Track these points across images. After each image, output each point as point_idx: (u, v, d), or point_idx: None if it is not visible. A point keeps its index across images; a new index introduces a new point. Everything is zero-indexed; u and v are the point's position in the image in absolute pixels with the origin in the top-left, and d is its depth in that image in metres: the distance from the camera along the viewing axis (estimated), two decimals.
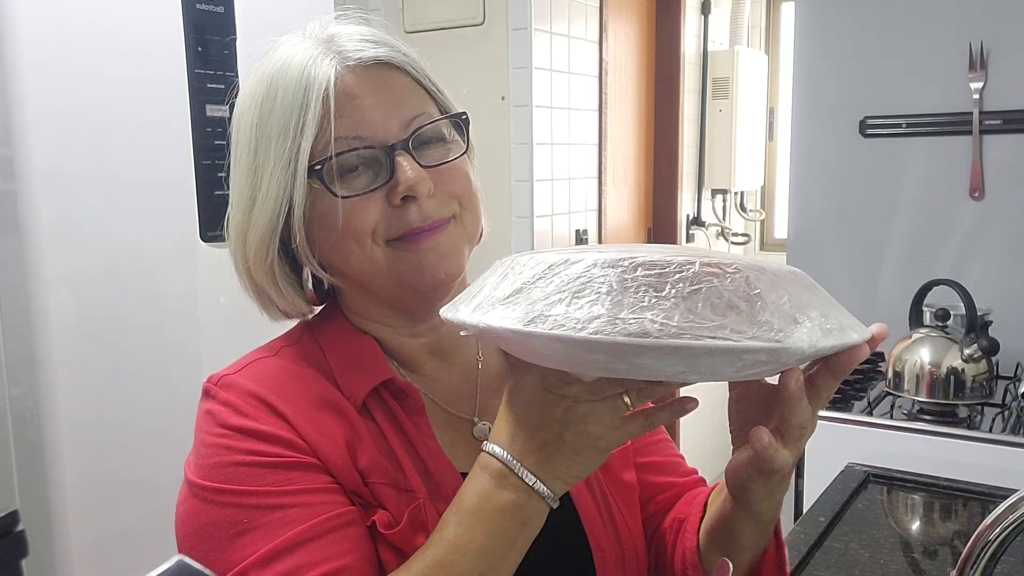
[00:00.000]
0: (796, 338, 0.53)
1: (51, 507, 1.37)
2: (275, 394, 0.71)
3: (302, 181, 0.71)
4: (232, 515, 0.67)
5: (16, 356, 1.37)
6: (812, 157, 2.24)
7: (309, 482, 0.68)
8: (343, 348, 0.76)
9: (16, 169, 1.30)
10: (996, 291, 1.99)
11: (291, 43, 0.75)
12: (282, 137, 0.71)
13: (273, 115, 0.71)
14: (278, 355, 0.77)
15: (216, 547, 0.67)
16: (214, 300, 1.56)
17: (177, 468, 1.56)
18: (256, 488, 0.67)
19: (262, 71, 0.74)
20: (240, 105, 0.75)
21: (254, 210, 0.73)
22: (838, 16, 2.16)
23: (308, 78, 0.71)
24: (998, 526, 0.67)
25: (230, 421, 0.70)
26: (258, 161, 0.72)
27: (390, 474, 0.70)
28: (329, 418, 0.71)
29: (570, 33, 2.74)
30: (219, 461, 0.69)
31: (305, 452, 0.69)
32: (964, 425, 1.66)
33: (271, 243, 0.74)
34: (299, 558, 0.64)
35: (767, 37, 3.99)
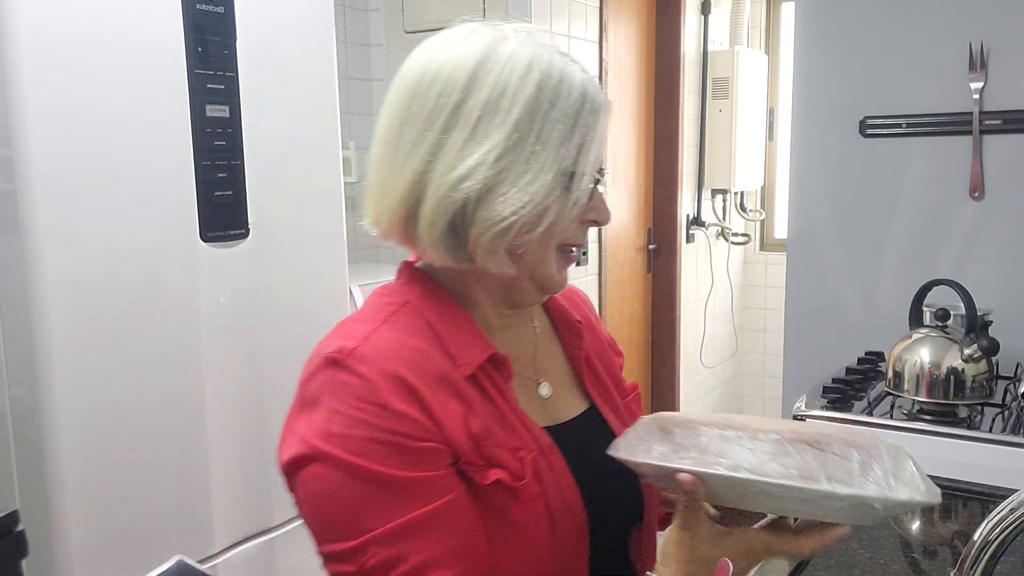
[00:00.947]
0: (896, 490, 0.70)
1: (51, 507, 1.37)
2: (406, 370, 0.76)
3: (558, 180, 0.78)
4: (361, 489, 0.74)
5: (16, 356, 1.37)
6: (812, 157, 2.24)
7: (429, 468, 0.75)
8: (450, 322, 0.83)
9: (16, 169, 1.30)
10: (996, 291, 1.99)
11: (551, 53, 0.80)
12: (560, 135, 0.78)
13: (554, 111, 0.77)
14: (388, 324, 0.81)
15: (342, 510, 0.74)
16: (214, 300, 1.56)
17: (177, 468, 1.57)
18: (384, 470, 0.73)
19: (532, 70, 0.78)
20: (486, 82, 0.78)
21: (508, 171, 0.77)
22: (838, 16, 2.16)
23: (595, 101, 0.80)
24: (998, 526, 0.67)
25: (368, 397, 0.75)
26: (521, 137, 0.77)
27: (499, 437, 0.79)
28: (446, 392, 0.78)
29: (570, 33, 2.73)
30: (354, 434, 0.74)
31: (431, 434, 0.75)
32: (964, 425, 1.66)
33: (460, 196, 0.77)
34: (414, 543, 0.73)
35: (767, 37, 3.99)
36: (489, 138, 0.76)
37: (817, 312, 2.27)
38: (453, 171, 0.76)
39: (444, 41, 0.82)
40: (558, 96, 0.78)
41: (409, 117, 0.79)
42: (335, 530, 0.75)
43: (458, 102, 0.77)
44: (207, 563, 1.58)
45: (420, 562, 0.73)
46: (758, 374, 4.17)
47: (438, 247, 0.79)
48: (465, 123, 0.77)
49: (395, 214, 0.81)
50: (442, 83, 0.78)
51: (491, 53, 0.78)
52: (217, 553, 1.61)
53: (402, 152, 0.80)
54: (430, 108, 0.78)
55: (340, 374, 0.77)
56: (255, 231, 1.62)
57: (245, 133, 1.59)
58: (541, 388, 0.89)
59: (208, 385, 1.56)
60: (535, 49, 0.79)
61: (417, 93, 0.79)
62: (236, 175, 1.58)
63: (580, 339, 0.94)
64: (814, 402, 1.78)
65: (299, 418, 0.79)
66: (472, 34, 0.80)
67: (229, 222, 1.58)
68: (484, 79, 0.77)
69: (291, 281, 1.72)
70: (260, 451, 1.67)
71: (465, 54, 0.78)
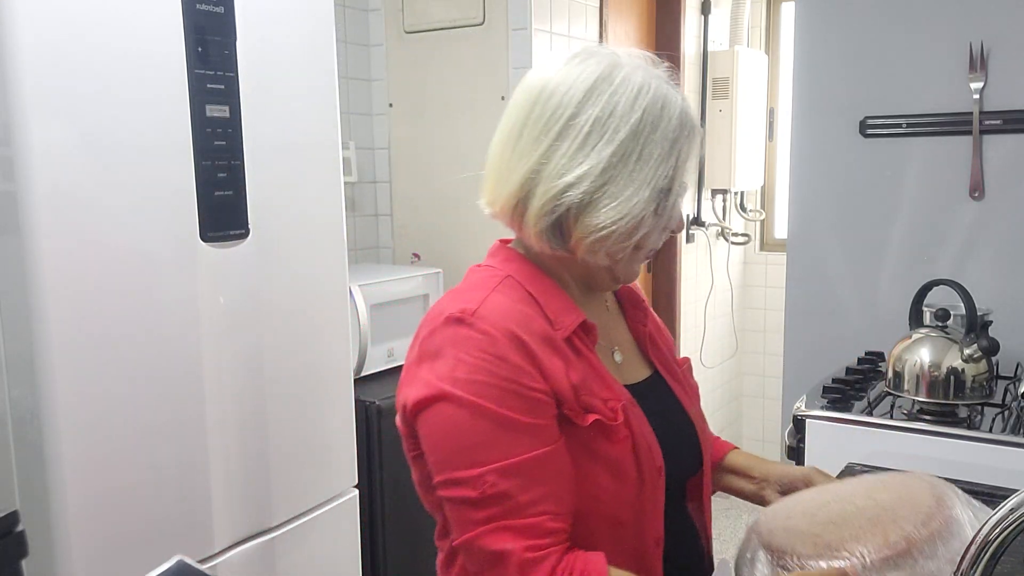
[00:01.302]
0: None
1: (51, 507, 1.37)
2: (518, 328, 0.90)
3: (653, 196, 0.91)
4: (483, 426, 0.87)
5: (16, 357, 1.37)
6: (812, 157, 2.24)
7: (539, 415, 0.88)
8: (547, 293, 0.96)
9: (16, 169, 1.30)
10: (996, 291, 1.98)
11: (657, 81, 0.93)
12: (659, 157, 0.91)
13: (655, 134, 0.91)
14: (497, 292, 0.94)
15: (466, 444, 0.87)
16: (214, 300, 1.56)
17: (177, 468, 1.57)
18: (503, 411, 0.87)
19: (640, 96, 0.90)
20: (600, 100, 0.90)
21: (610, 184, 0.90)
22: (838, 16, 2.16)
23: (691, 127, 0.94)
24: (998, 526, 0.67)
25: (490, 349, 0.88)
26: (625, 154, 0.90)
27: (593, 388, 0.93)
28: (549, 349, 0.91)
29: (570, 33, 2.73)
30: (478, 379, 0.87)
31: (541, 385, 0.89)
32: (964, 425, 1.66)
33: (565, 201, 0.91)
34: (527, 477, 0.86)
35: (767, 37, 3.99)
36: (596, 152, 0.89)
37: (817, 312, 2.27)
38: (561, 177, 0.90)
39: (568, 59, 0.94)
40: (659, 121, 0.90)
41: (529, 121, 0.92)
42: (459, 459, 0.87)
43: (572, 115, 0.90)
44: (207, 563, 1.58)
45: (537, 496, 0.86)
46: (758, 374, 4.17)
47: (541, 237, 0.93)
48: (576, 135, 0.90)
49: (507, 203, 0.94)
50: (560, 96, 0.91)
51: (606, 76, 0.91)
52: (217, 553, 1.61)
53: (519, 150, 0.93)
54: (548, 116, 0.91)
55: (463, 329, 0.89)
56: (255, 231, 1.62)
57: (245, 133, 1.59)
58: (615, 355, 1.04)
59: (208, 385, 1.56)
60: (644, 76, 0.91)
61: (539, 100, 0.92)
62: (236, 175, 1.58)
63: (645, 316, 1.11)
64: (814, 402, 1.78)
65: (421, 367, 0.92)
66: (591, 56, 0.93)
67: (229, 222, 1.58)
68: (597, 98, 0.90)
69: (291, 281, 1.72)
70: (260, 451, 1.67)
71: (583, 74, 0.91)
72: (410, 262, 2.84)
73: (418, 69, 2.74)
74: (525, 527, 0.86)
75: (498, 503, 0.86)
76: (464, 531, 0.88)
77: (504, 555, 0.85)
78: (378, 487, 2.17)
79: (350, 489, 1.92)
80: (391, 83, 2.80)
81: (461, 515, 0.89)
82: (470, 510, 0.87)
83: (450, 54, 2.67)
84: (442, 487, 0.90)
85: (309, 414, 1.78)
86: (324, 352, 1.82)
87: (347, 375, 1.90)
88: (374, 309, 2.29)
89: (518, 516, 0.86)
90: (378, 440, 2.16)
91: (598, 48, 0.95)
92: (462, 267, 2.92)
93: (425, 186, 2.79)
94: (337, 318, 1.85)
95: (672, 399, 1.06)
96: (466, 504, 0.88)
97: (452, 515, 0.91)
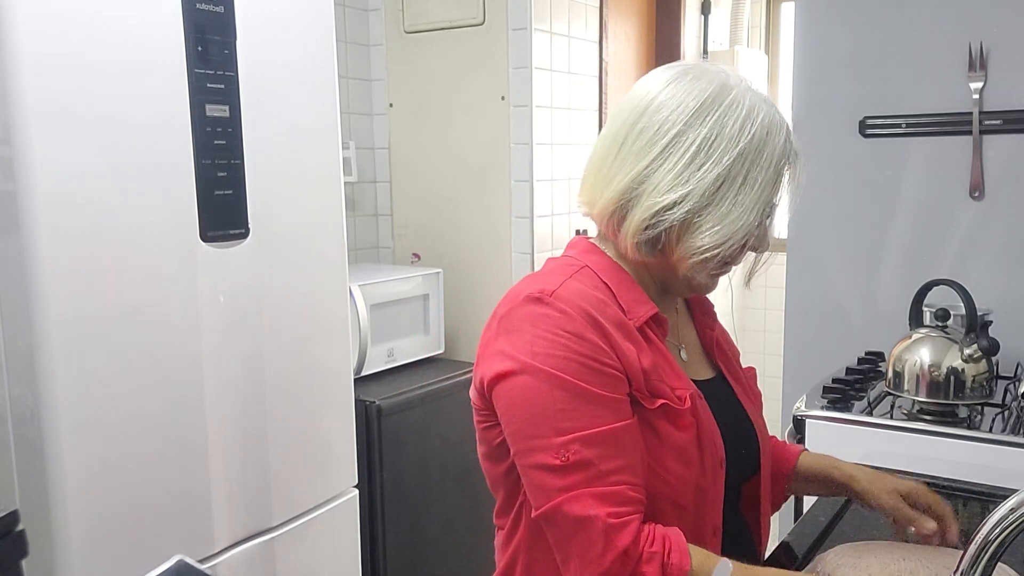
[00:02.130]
0: None
1: (51, 507, 1.37)
2: (596, 311, 0.93)
3: (757, 219, 0.95)
4: (562, 397, 0.89)
5: (16, 356, 1.37)
6: (812, 157, 2.24)
7: (614, 390, 0.91)
8: (622, 285, 0.99)
9: (16, 169, 1.30)
10: (996, 291, 1.98)
11: (765, 105, 0.96)
12: (763, 182, 0.94)
13: (760, 159, 0.93)
14: (574, 278, 0.97)
15: (546, 414, 0.90)
16: (214, 300, 1.56)
17: (177, 468, 1.57)
18: (580, 384, 0.89)
19: (748, 121, 0.93)
20: (707, 120, 0.93)
21: (714, 206, 0.93)
22: (838, 16, 2.16)
23: (793, 152, 0.98)
24: (998, 526, 0.67)
25: (567, 327, 0.91)
26: (731, 177, 0.92)
27: (663, 375, 0.96)
28: (623, 333, 0.94)
29: (570, 33, 2.73)
30: (557, 354, 0.90)
31: (615, 363, 0.92)
32: (964, 425, 1.66)
33: (668, 218, 0.93)
34: (607, 448, 0.89)
35: (767, 37, 3.99)
36: (703, 173, 0.91)
37: (817, 312, 2.27)
38: (664, 195, 0.92)
39: (679, 73, 0.96)
40: (765, 146, 0.93)
41: (635, 130, 0.94)
42: (542, 427, 0.90)
43: (680, 132, 0.92)
44: (207, 563, 1.58)
45: (617, 466, 0.89)
46: (758, 374, 4.17)
47: (639, 249, 0.96)
48: (683, 153, 0.92)
49: (606, 209, 0.97)
50: (669, 110, 0.93)
51: (717, 96, 0.93)
52: (217, 553, 1.61)
53: (622, 158, 0.95)
54: (655, 129, 0.93)
55: (541, 308, 0.93)
56: (255, 231, 1.62)
57: (245, 133, 1.59)
58: (682, 352, 1.07)
59: (208, 385, 1.56)
60: (753, 100, 0.94)
61: (647, 112, 0.94)
62: (236, 175, 1.58)
63: (713, 321, 1.14)
64: (814, 402, 1.78)
65: (498, 341, 0.94)
66: (703, 76, 0.95)
67: (229, 222, 1.58)
68: (707, 118, 0.92)
69: (291, 281, 1.72)
70: (260, 451, 1.67)
71: (694, 91, 0.93)
72: (410, 262, 2.84)
73: (418, 69, 2.74)
74: (607, 494, 0.88)
75: (581, 470, 0.88)
76: (547, 499, 0.90)
77: (589, 520, 0.87)
78: (378, 487, 2.17)
79: (350, 489, 1.92)
80: (391, 83, 2.80)
81: (543, 483, 0.90)
82: (552, 477, 0.89)
83: (450, 54, 2.67)
84: (522, 455, 0.92)
85: (309, 414, 1.78)
86: (324, 352, 1.82)
87: (347, 375, 1.90)
88: (374, 309, 2.29)
89: (600, 484, 0.88)
90: (378, 440, 2.16)
91: (709, 66, 0.97)
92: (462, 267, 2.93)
93: (425, 186, 2.79)
94: (337, 318, 1.85)
95: (735, 401, 1.09)
96: (548, 471, 0.89)
97: (532, 484, 0.92)
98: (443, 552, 2.39)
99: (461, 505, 2.42)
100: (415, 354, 2.48)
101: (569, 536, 0.90)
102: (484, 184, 2.63)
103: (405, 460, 2.23)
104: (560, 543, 0.92)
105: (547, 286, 0.94)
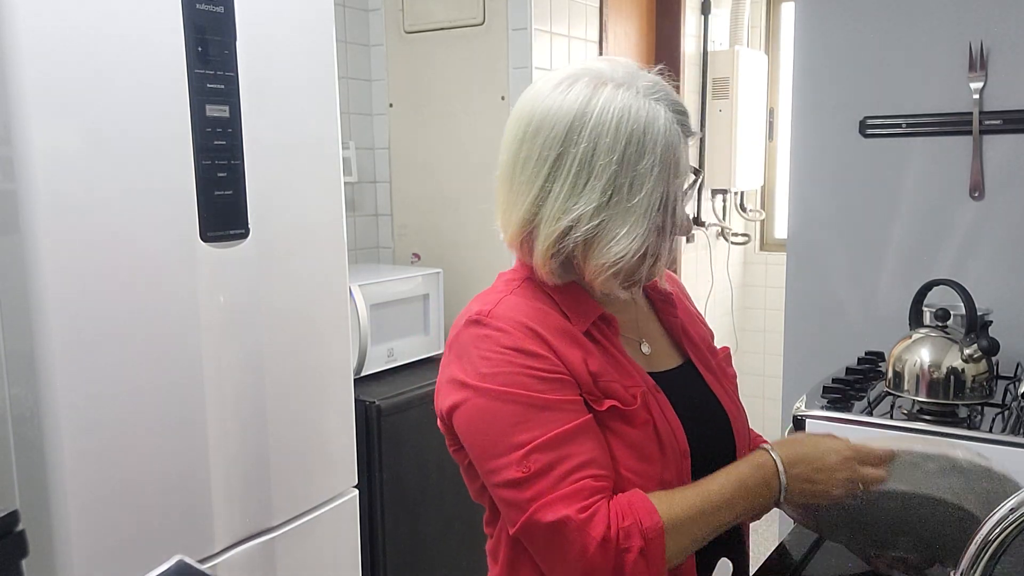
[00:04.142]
0: None
1: (51, 507, 1.37)
2: (532, 322, 0.95)
3: (654, 222, 0.93)
4: (513, 410, 0.91)
5: (16, 356, 1.37)
6: (812, 157, 2.24)
7: (564, 393, 0.92)
8: (565, 292, 1.00)
9: (16, 169, 1.30)
10: (996, 291, 1.98)
11: (640, 100, 0.92)
12: (650, 185, 0.92)
13: (641, 164, 0.91)
14: (514, 293, 0.99)
15: (501, 431, 0.91)
16: (214, 300, 1.56)
17: (177, 468, 1.57)
18: (529, 393, 0.91)
19: (622, 125, 0.91)
20: (583, 136, 0.91)
21: (609, 222, 0.92)
22: (838, 16, 2.16)
23: (676, 144, 0.93)
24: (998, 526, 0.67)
25: (506, 343, 0.93)
26: (616, 190, 0.91)
27: (613, 375, 0.96)
28: (567, 340, 0.95)
29: (570, 33, 2.73)
30: (500, 371, 0.92)
31: (560, 369, 0.93)
32: (964, 425, 1.66)
33: (568, 244, 0.94)
34: (566, 449, 0.90)
35: (767, 37, 3.99)
36: (588, 191, 0.91)
37: (817, 312, 2.27)
38: (559, 220, 0.92)
39: (550, 86, 0.95)
40: (644, 150, 0.91)
41: (520, 159, 0.95)
42: (500, 446, 0.91)
43: (558, 155, 0.92)
44: (207, 563, 1.58)
45: (578, 463, 0.89)
46: (758, 374, 4.17)
47: (551, 274, 0.97)
48: (566, 176, 0.92)
49: (515, 236, 0.98)
50: (544, 135, 0.92)
51: (585, 107, 0.91)
52: (217, 553, 1.61)
53: (517, 185, 0.95)
54: (536, 156, 0.93)
55: (481, 329, 0.95)
56: (255, 231, 1.62)
57: (245, 133, 1.59)
58: (643, 346, 1.07)
59: (208, 385, 1.56)
60: (624, 99, 0.91)
61: (526, 137, 0.94)
62: (236, 175, 1.58)
63: (674, 308, 1.12)
64: (814, 402, 1.78)
65: (450, 368, 0.97)
66: (576, 82, 0.93)
67: (229, 222, 1.58)
68: (580, 134, 0.91)
69: (291, 281, 1.72)
70: (260, 451, 1.67)
71: (564, 106, 0.92)
72: (410, 262, 2.84)
73: (418, 69, 2.74)
74: (572, 493, 0.88)
75: (543, 477, 0.89)
76: (519, 514, 0.91)
77: (561, 523, 0.88)
78: (378, 487, 2.17)
79: (350, 489, 1.92)
80: (391, 83, 2.80)
81: (512, 499, 0.91)
82: (518, 491, 0.90)
83: (450, 54, 2.67)
84: (487, 476, 0.94)
85: (309, 414, 1.78)
86: (324, 352, 1.82)
87: (347, 375, 1.90)
88: (374, 309, 2.29)
89: (564, 485, 0.89)
90: (378, 440, 2.16)
91: (583, 70, 0.95)
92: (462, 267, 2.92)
93: (425, 186, 2.79)
94: (337, 318, 1.85)
95: (702, 386, 1.09)
96: (514, 486, 0.90)
97: (503, 502, 0.93)
98: (443, 552, 2.39)
99: (461, 505, 2.42)
100: (415, 354, 2.48)
101: (548, 545, 0.90)
102: (484, 184, 2.63)
103: (405, 460, 2.23)
104: (541, 554, 0.92)
105: (484, 306, 0.97)
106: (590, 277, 0.96)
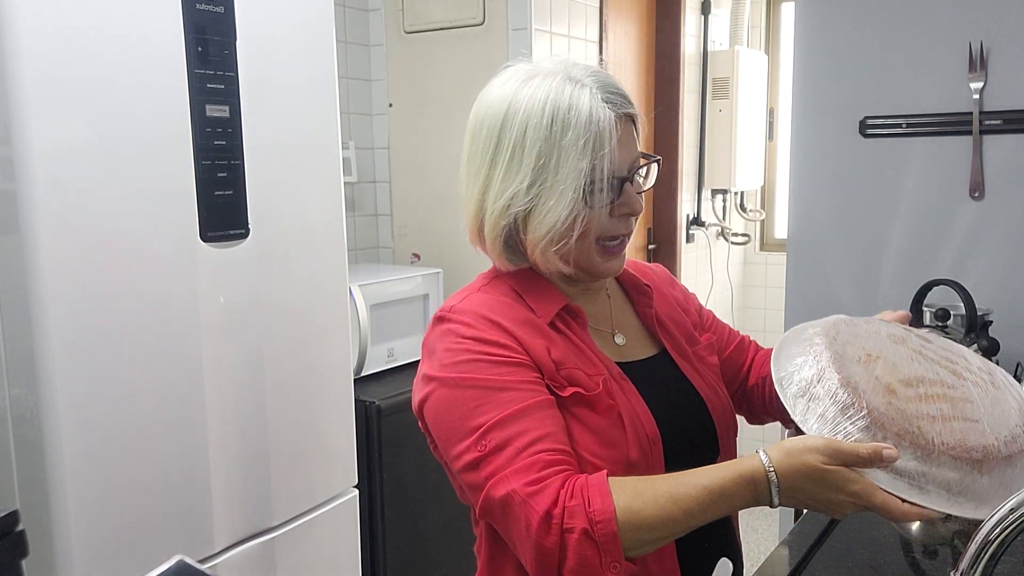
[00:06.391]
0: None
1: (51, 507, 1.37)
2: (495, 315, 0.99)
3: (578, 194, 0.96)
4: (472, 395, 0.94)
5: (16, 356, 1.37)
6: (812, 157, 2.24)
7: (523, 375, 0.95)
8: (531, 287, 1.04)
9: (16, 169, 1.30)
10: (996, 291, 1.98)
11: (565, 84, 0.97)
12: (575, 158, 0.95)
13: (566, 139, 0.95)
14: (480, 291, 1.05)
15: (461, 416, 0.94)
16: (214, 300, 1.56)
17: (177, 468, 1.57)
18: (488, 377, 0.94)
19: (547, 105, 0.96)
20: (515, 122, 0.97)
21: (539, 196, 0.97)
22: (838, 16, 2.16)
23: (600, 123, 0.95)
24: (998, 526, 0.67)
25: (466, 333, 0.97)
26: (543, 165, 0.96)
27: (576, 363, 0.99)
28: (530, 329, 0.99)
29: (570, 33, 2.74)
30: (460, 360, 0.96)
31: (521, 353, 0.96)
32: None
33: (508, 221, 0.99)
34: (521, 425, 0.91)
35: (767, 37, 3.99)
36: (523, 170, 0.96)
37: (817, 312, 2.25)
38: (499, 200, 0.98)
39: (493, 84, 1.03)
40: (568, 126, 0.95)
41: (472, 152, 1.02)
42: (458, 432, 0.93)
43: (497, 141, 0.98)
44: (207, 563, 1.58)
45: (532, 438, 0.90)
46: None
47: (501, 258, 1.03)
48: (503, 161, 0.98)
49: (472, 229, 1.04)
50: (488, 125, 1.00)
51: (517, 94, 0.98)
52: (217, 553, 1.61)
53: (469, 179, 1.02)
54: (481, 146, 1.00)
55: (445, 325, 1.00)
56: (255, 231, 1.62)
57: (245, 133, 1.59)
58: (616, 338, 1.10)
59: (208, 385, 1.56)
60: (549, 86, 0.97)
61: (476, 132, 1.02)
62: (236, 175, 1.58)
63: (649, 299, 1.14)
64: None
65: (422, 367, 1.01)
66: (512, 76, 1.01)
67: (229, 222, 1.58)
68: (513, 119, 0.97)
69: (291, 281, 1.72)
70: (260, 451, 1.67)
71: (501, 97, 1.00)
72: (410, 262, 2.84)
73: (418, 69, 2.74)
74: (524, 467, 0.89)
75: (498, 454, 0.90)
76: (477, 495, 0.92)
77: (508, 497, 0.88)
78: (378, 487, 2.17)
79: (350, 489, 1.92)
80: (391, 83, 2.80)
81: (472, 480, 0.92)
82: (476, 472, 0.91)
83: (450, 54, 2.67)
84: (453, 463, 0.95)
85: (309, 414, 1.78)
86: (324, 352, 1.82)
87: (347, 375, 1.90)
88: (374, 309, 2.29)
89: (519, 460, 0.89)
90: (378, 440, 2.16)
91: (520, 68, 1.02)
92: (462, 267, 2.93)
93: (425, 186, 2.79)
94: (337, 318, 1.85)
95: (678, 376, 1.09)
96: (472, 468, 0.92)
97: (466, 485, 0.95)
98: (443, 552, 2.39)
99: (461, 505, 2.41)
100: (415, 354, 2.48)
101: (504, 521, 0.90)
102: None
103: (405, 460, 2.23)
104: (505, 533, 0.93)
105: (450, 303, 1.02)
106: (532, 253, 1.00)
